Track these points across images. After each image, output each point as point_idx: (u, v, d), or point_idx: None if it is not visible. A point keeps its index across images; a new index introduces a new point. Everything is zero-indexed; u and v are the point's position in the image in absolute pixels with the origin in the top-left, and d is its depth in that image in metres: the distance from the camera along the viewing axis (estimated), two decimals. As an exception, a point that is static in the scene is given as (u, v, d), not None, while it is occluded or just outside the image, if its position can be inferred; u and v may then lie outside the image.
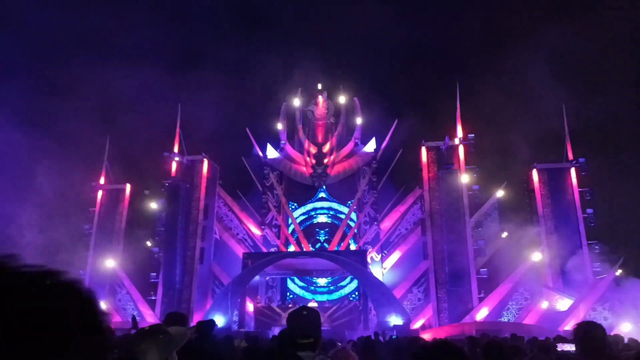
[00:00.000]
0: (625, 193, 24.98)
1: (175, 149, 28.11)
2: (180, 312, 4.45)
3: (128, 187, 28.72)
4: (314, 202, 28.94)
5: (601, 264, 23.14)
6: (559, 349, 7.06)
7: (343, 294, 26.60)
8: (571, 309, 21.52)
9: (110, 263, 26.26)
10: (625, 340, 8.06)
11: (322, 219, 28.81)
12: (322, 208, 28.93)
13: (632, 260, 21.87)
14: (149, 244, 26.85)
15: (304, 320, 2.67)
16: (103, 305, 23.94)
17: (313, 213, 28.94)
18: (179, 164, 27.96)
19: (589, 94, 27.25)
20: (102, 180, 28.62)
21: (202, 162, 28.32)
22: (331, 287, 27.23)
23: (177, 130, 28.46)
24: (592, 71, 29.83)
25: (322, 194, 28.89)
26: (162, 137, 28.25)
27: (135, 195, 28.60)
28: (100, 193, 28.44)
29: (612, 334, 8.10)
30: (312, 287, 27.61)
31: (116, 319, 22.10)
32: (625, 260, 22.05)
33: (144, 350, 1.88)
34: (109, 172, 28.99)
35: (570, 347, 6.55)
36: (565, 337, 9.76)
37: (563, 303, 22.26)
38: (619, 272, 22.02)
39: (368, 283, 23.20)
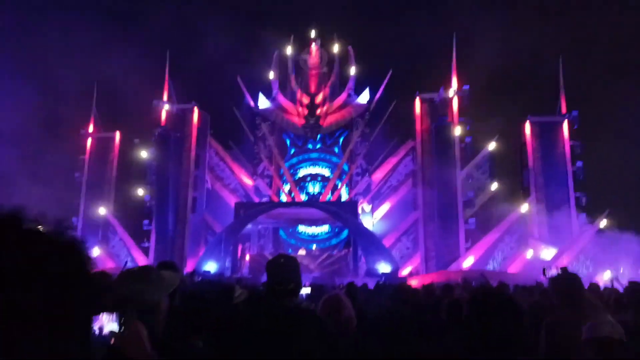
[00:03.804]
0: (615, 146, 25.15)
1: (165, 97, 27.52)
2: (172, 260, 4.30)
3: (118, 134, 28.34)
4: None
5: (587, 216, 23.67)
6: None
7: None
8: (554, 259, 22.12)
9: (102, 210, 26.36)
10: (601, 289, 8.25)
11: (313, 169, 28.68)
12: (305, 160, 28.47)
13: (618, 212, 22.34)
14: (140, 192, 26.81)
15: (281, 267, 2.69)
16: (96, 251, 24.24)
17: (295, 166, 28.55)
18: (169, 112, 27.47)
19: (587, 47, 26.79)
20: (91, 128, 28.21)
21: (192, 110, 27.82)
22: (336, 230, 27.23)
23: (166, 77, 27.75)
24: (590, 24, 29.15)
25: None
26: (152, 84, 27.58)
27: (125, 143, 28.25)
28: (89, 141, 28.10)
29: (592, 281, 8.34)
30: (305, 236, 27.90)
31: (110, 265, 22.42)
32: (610, 212, 22.49)
33: (140, 291, 1.86)
34: (98, 119, 28.52)
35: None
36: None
37: (548, 253, 22.86)
38: (603, 223, 22.50)
39: (358, 232, 23.61)
